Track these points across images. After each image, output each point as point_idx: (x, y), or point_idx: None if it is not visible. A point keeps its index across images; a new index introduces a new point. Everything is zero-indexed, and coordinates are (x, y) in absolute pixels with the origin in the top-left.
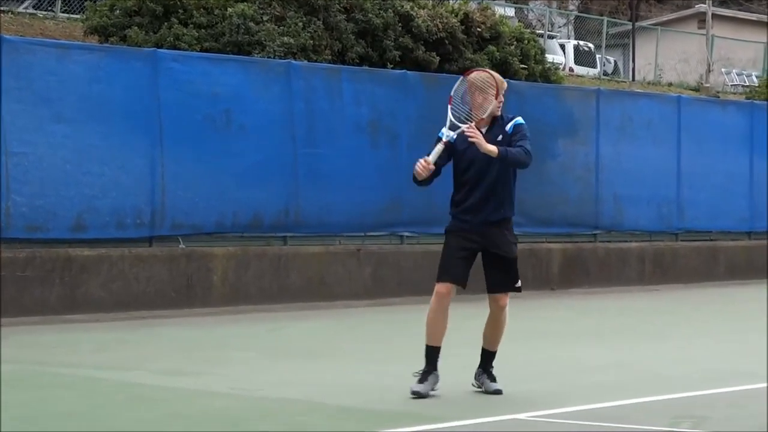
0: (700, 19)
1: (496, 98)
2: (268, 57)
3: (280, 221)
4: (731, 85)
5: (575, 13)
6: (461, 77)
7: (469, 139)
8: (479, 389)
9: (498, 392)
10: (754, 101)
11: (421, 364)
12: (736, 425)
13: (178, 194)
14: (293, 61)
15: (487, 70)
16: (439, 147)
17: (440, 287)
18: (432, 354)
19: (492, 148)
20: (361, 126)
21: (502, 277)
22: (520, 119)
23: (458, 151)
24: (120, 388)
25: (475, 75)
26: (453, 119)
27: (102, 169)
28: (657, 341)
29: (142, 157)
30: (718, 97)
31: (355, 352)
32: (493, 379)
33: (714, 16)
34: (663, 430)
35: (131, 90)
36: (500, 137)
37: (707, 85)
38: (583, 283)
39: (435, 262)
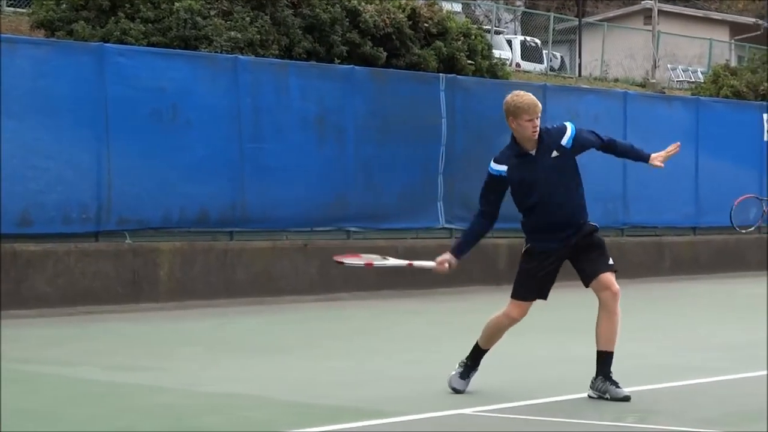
0: (646, 15)
1: (509, 122)
2: (215, 52)
3: (227, 216)
4: (677, 81)
5: (522, 8)
6: None
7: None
8: (602, 397)
9: (627, 399)
10: (700, 97)
11: (366, 362)
12: (681, 420)
13: (124, 189)
14: (240, 56)
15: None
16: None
17: (517, 309)
18: (481, 355)
19: (656, 163)
20: (308, 121)
21: (601, 258)
22: (569, 126)
23: (513, 181)
24: (66, 384)
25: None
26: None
27: (48, 163)
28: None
29: (89, 152)
30: (664, 93)
31: (302, 348)
32: (617, 385)
33: (660, 12)
34: (609, 425)
35: (78, 84)
36: (555, 153)
37: (653, 81)
38: None
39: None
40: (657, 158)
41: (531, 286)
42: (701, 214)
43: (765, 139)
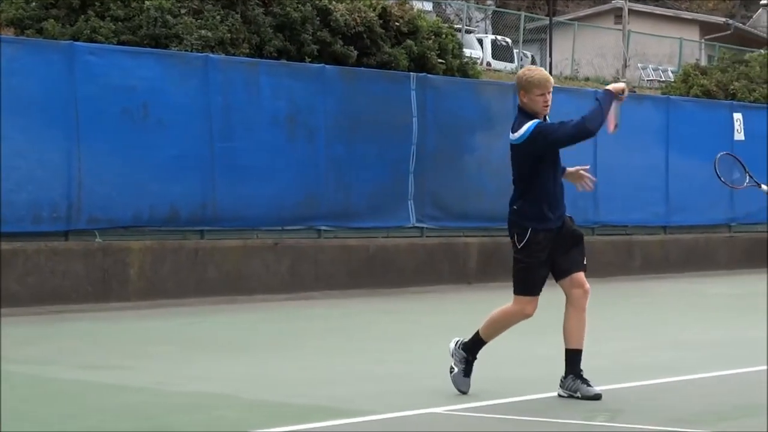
0: (617, 14)
1: (520, 96)
2: (185, 50)
3: (197, 215)
4: (647, 80)
5: (493, 7)
6: None
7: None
8: (572, 396)
9: (598, 397)
10: (670, 96)
11: (337, 361)
12: (651, 418)
13: (94, 188)
14: (211, 55)
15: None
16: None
17: (529, 305)
18: (480, 347)
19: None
20: (278, 120)
21: (578, 254)
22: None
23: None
24: (36, 383)
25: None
26: None
27: (18, 162)
28: None
29: (59, 150)
30: (635, 92)
31: (273, 346)
32: (588, 383)
33: (630, 11)
34: (579, 423)
35: (48, 83)
36: None
37: (624, 80)
38: (501, 277)
39: (352, 256)
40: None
41: (538, 278)
42: (671, 213)
43: (735, 138)
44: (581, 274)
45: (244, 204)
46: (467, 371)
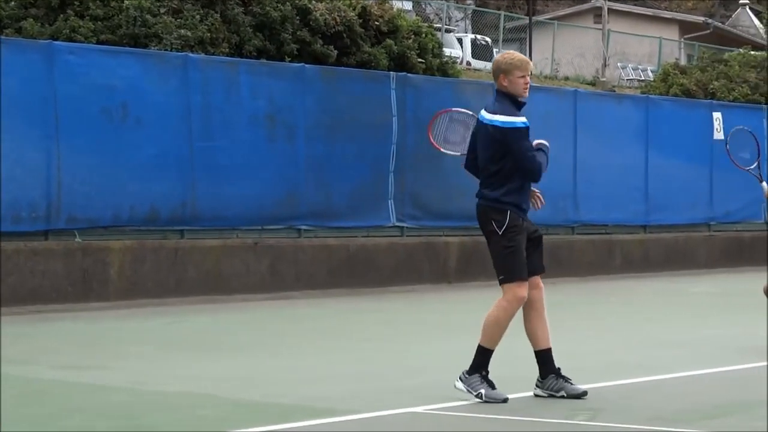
0: (597, 13)
1: (500, 81)
2: (165, 50)
3: (177, 215)
4: (627, 80)
5: (472, 7)
6: None
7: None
8: (553, 395)
9: (585, 394)
10: (650, 96)
11: (318, 360)
12: (631, 417)
13: (74, 188)
14: (190, 54)
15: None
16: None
17: (523, 290)
18: (489, 357)
19: None
20: (258, 119)
21: (539, 257)
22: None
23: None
24: (15, 383)
25: None
26: None
27: None
28: (552, 334)
29: (38, 150)
30: (614, 91)
31: (253, 346)
32: (571, 381)
33: (610, 10)
34: (560, 423)
35: (27, 82)
36: None
37: (603, 79)
38: (480, 277)
39: (332, 255)
40: None
41: (524, 261)
42: (651, 213)
43: (714, 137)
44: (537, 277)
45: (223, 203)
46: (491, 384)
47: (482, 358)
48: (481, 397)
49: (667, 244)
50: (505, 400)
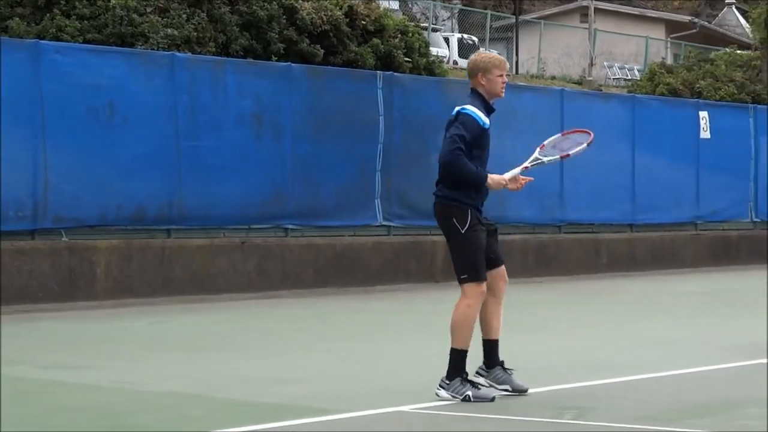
0: (583, 13)
1: (477, 79)
2: (151, 49)
3: (164, 214)
4: (613, 79)
5: (459, 6)
6: None
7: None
8: (494, 387)
9: (526, 391)
10: (636, 95)
11: (305, 359)
12: (618, 416)
13: (60, 187)
14: (177, 53)
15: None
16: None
17: (484, 287)
18: (465, 358)
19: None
20: (245, 118)
21: (499, 249)
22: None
23: (487, 134)
24: (3, 382)
25: None
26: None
27: None
28: (540, 333)
29: (25, 149)
30: (601, 90)
31: (240, 345)
32: (512, 373)
33: (596, 10)
34: (546, 422)
35: (13, 82)
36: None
37: (590, 78)
38: None
39: (319, 254)
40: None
41: (482, 261)
42: (638, 212)
43: (701, 136)
44: (504, 267)
45: (210, 203)
46: (475, 384)
47: (459, 360)
48: (469, 399)
49: (654, 243)
50: (493, 399)
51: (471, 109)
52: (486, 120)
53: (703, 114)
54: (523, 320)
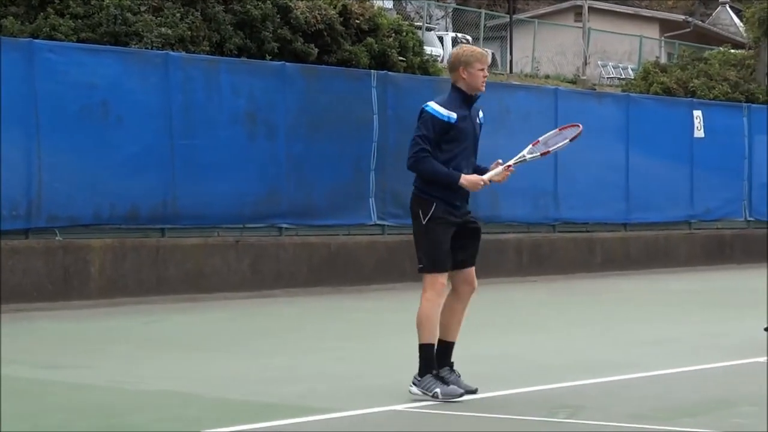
0: (577, 12)
1: (458, 73)
2: (145, 48)
3: (158, 213)
4: (607, 78)
5: (453, 5)
6: None
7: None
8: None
9: (475, 391)
10: (630, 94)
11: (298, 359)
12: (611, 415)
13: (54, 186)
14: (171, 52)
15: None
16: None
17: (442, 279)
18: (433, 354)
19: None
20: (239, 117)
21: (475, 253)
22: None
23: (457, 129)
24: None
25: None
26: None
27: None
28: (534, 332)
29: (18, 148)
30: (595, 89)
31: (233, 345)
32: (459, 375)
33: (590, 9)
34: (541, 420)
35: (7, 81)
36: (477, 120)
37: (584, 77)
38: None
39: (313, 253)
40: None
41: (446, 254)
42: (632, 211)
43: (695, 135)
44: (473, 270)
45: (204, 202)
46: (446, 381)
47: (427, 356)
48: (437, 397)
49: (648, 241)
50: (461, 395)
51: (431, 105)
52: (450, 114)
53: (697, 113)
54: (517, 319)
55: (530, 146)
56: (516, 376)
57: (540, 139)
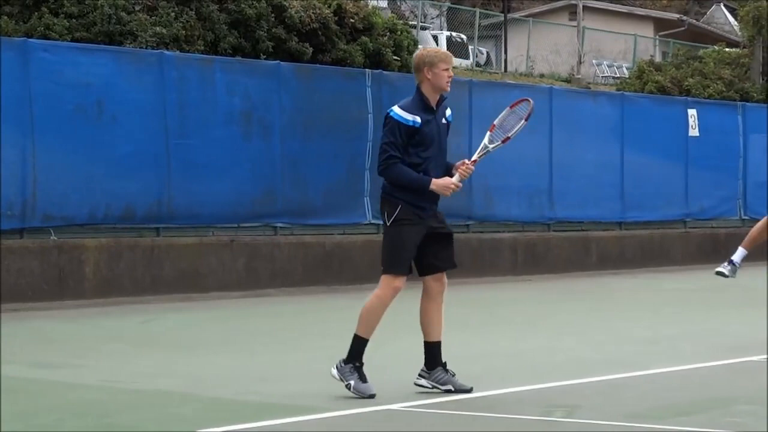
0: (571, 11)
1: (423, 74)
2: (140, 47)
3: (153, 212)
4: (602, 77)
5: (448, 4)
6: None
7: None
8: (437, 388)
9: (470, 390)
10: (625, 92)
11: (294, 358)
12: (607, 414)
13: (49, 185)
14: (165, 52)
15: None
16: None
17: (400, 282)
18: (364, 347)
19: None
20: (234, 117)
21: (449, 253)
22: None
23: (422, 132)
24: None
25: None
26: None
27: None
28: (529, 331)
29: (13, 148)
30: (589, 88)
31: (228, 344)
32: (454, 375)
33: (585, 8)
34: (536, 420)
35: (1, 80)
36: (444, 121)
37: (578, 76)
38: (456, 274)
39: (308, 252)
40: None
41: (410, 257)
42: (627, 210)
43: (690, 134)
44: (443, 274)
45: (199, 201)
46: (362, 377)
47: (358, 347)
48: (349, 388)
49: (643, 240)
50: (372, 396)
51: (395, 110)
52: (414, 118)
53: (692, 112)
54: (513, 319)
55: (488, 133)
56: (511, 375)
57: (495, 122)
